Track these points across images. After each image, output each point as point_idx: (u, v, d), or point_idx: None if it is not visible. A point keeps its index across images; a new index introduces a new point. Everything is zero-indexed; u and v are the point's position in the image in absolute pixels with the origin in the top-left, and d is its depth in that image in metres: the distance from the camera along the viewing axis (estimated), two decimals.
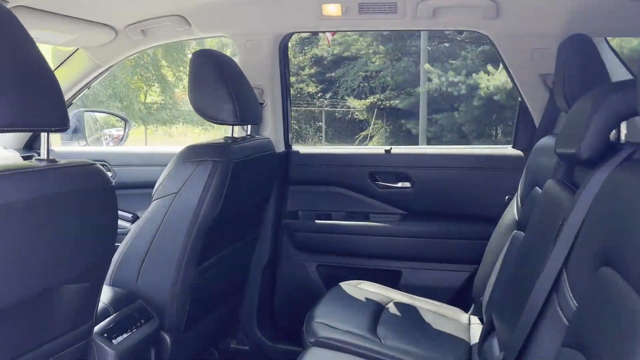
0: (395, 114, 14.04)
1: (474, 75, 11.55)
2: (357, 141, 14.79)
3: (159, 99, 13.77)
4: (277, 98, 2.33)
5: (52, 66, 2.62)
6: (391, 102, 13.88)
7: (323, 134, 14.72)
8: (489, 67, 11.34)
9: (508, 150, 2.23)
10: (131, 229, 1.79)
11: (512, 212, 1.91)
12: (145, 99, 13.43)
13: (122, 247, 1.78)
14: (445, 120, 12.56)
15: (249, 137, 2.06)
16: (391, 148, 2.31)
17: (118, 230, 2.58)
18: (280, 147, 2.35)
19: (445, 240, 2.23)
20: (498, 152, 2.22)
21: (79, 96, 2.59)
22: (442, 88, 11.90)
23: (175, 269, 1.74)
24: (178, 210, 1.73)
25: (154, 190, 1.77)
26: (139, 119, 12.48)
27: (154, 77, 13.02)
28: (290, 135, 2.45)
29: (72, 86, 2.50)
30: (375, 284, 2.08)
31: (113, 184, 1.32)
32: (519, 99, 2.14)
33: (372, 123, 14.42)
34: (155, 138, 14.24)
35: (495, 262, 1.87)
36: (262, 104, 2.28)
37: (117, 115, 2.98)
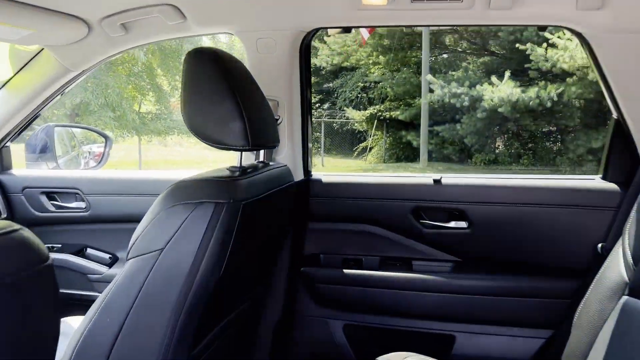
0: (396, 125, 13.57)
1: (477, 86, 11.11)
2: (355, 152, 14.30)
3: (154, 109, 13.20)
4: (296, 112, 1.79)
5: (11, 70, 2.09)
6: (391, 113, 13.42)
7: (322, 145, 14.21)
8: (494, 79, 10.90)
9: (597, 182, 1.69)
10: (95, 301, 1.24)
11: (616, 269, 1.38)
12: (139, 108, 12.86)
13: (83, 324, 1.23)
14: (446, 132, 12.11)
15: (261, 164, 1.53)
16: (441, 177, 1.77)
17: (93, 276, 2.04)
18: (298, 175, 1.81)
19: (513, 298, 1.70)
20: (584, 184, 1.69)
21: (48, 105, 2.05)
22: (445, 99, 11.45)
23: (159, 357, 1.20)
24: (164, 275, 1.19)
25: (130, 245, 1.23)
26: (133, 129, 11.89)
27: (148, 87, 12.46)
28: (310, 160, 1.92)
29: (36, 95, 1.95)
30: (424, 357, 1.54)
31: (51, 261, 0.79)
32: (614, 116, 1.62)
33: (371, 134, 13.93)
34: (149, 148, 13.66)
35: (596, 335, 1.34)
36: (277, 120, 1.75)
37: (96, 131, 2.43)
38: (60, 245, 2.10)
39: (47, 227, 2.12)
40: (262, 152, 1.66)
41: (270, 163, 1.60)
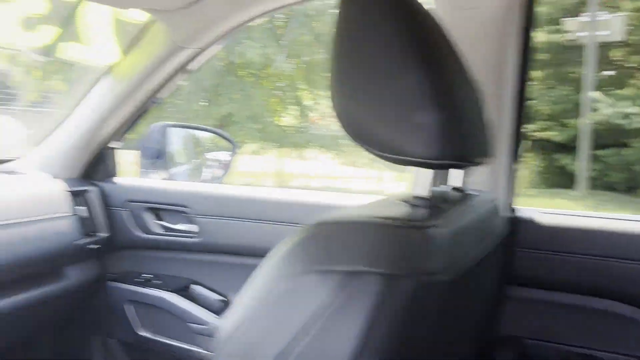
0: (549, 147, 12.07)
1: None
2: None
3: (295, 122, 13.18)
4: (506, 109, 1.10)
5: (119, 46, 1.62)
6: (544, 133, 11.97)
7: None
8: None
9: None
10: None
11: None
12: (281, 121, 12.90)
13: None
14: (611, 157, 10.43)
15: (456, 193, 0.86)
16: None
17: (195, 326, 1.50)
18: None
19: None
20: None
21: (160, 95, 1.57)
22: (612, 120, 9.85)
23: None
24: None
25: (216, 345, 0.63)
26: (273, 141, 11.88)
27: (290, 100, 12.42)
28: (515, 187, 1.21)
29: (143, 80, 1.48)
30: None
31: None
32: None
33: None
34: (288, 161, 13.64)
35: None
36: None
37: (218, 134, 1.94)
38: (161, 278, 1.61)
39: (151, 251, 1.65)
40: (450, 171, 0.99)
41: (469, 192, 0.91)
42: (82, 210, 1.58)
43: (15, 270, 1.34)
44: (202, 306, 1.51)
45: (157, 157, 1.85)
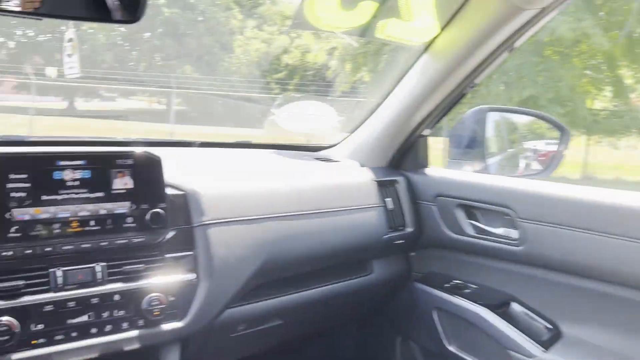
0: None
1: None
2: None
3: (610, 105, 11.28)
4: None
5: (437, 19, 1.32)
6: None
7: None
8: None
9: None
10: None
11: None
12: (592, 104, 11.20)
13: None
14: None
15: None
16: None
17: (513, 353, 1.22)
18: None
19: None
20: None
21: (484, 73, 1.32)
22: None
23: None
24: None
25: None
26: (582, 127, 10.39)
27: (606, 80, 10.64)
28: None
29: (468, 53, 1.25)
30: None
31: None
32: None
33: None
34: (596, 150, 11.83)
35: None
36: None
37: (546, 120, 1.58)
38: (473, 288, 1.36)
39: (460, 254, 1.42)
40: None
41: None
42: (389, 202, 1.45)
43: (324, 260, 1.29)
44: (524, 332, 1.21)
45: (469, 146, 1.61)
